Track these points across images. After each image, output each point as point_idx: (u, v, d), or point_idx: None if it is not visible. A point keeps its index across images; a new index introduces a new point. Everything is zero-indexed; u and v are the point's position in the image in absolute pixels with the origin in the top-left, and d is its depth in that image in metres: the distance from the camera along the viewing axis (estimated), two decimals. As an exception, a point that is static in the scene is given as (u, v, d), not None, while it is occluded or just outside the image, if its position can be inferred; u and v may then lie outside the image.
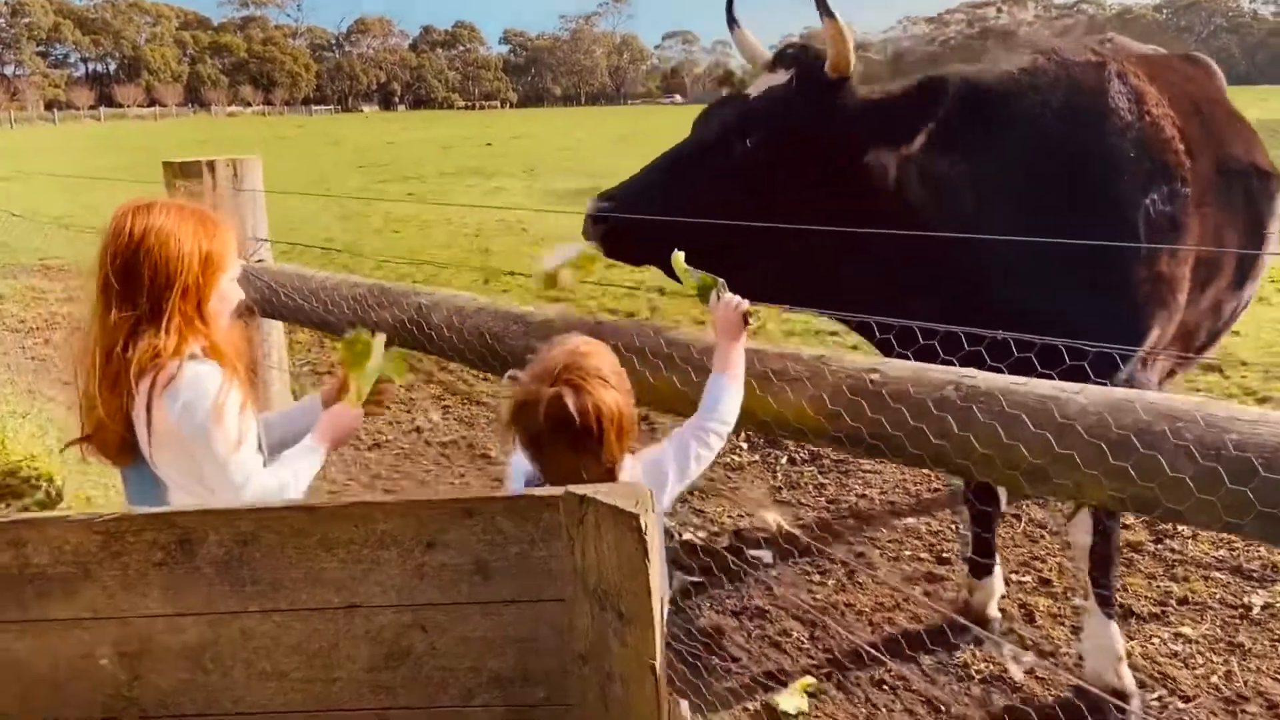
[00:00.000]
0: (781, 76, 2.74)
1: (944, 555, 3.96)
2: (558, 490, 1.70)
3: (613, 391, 1.85)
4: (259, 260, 3.52)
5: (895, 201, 2.68)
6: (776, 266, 2.61)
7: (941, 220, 2.72)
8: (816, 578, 3.83)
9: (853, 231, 2.41)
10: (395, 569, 1.73)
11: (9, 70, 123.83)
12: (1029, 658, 2.94)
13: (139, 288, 2.05)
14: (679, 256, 2.26)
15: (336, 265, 9.64)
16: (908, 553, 4.01)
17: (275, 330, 3.65)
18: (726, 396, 2.04)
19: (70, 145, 42.49)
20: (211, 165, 3.43)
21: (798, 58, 2.75)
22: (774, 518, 3.95)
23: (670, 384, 2.24)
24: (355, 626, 1.76)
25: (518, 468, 2.09)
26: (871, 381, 1.97)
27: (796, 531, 3.91)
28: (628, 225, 2.50)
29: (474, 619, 1.75)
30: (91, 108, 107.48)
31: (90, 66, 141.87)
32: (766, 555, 3.99)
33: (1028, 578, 3.77)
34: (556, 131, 44.22)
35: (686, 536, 4.17)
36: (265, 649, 1.77)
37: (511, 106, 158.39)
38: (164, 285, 2.05)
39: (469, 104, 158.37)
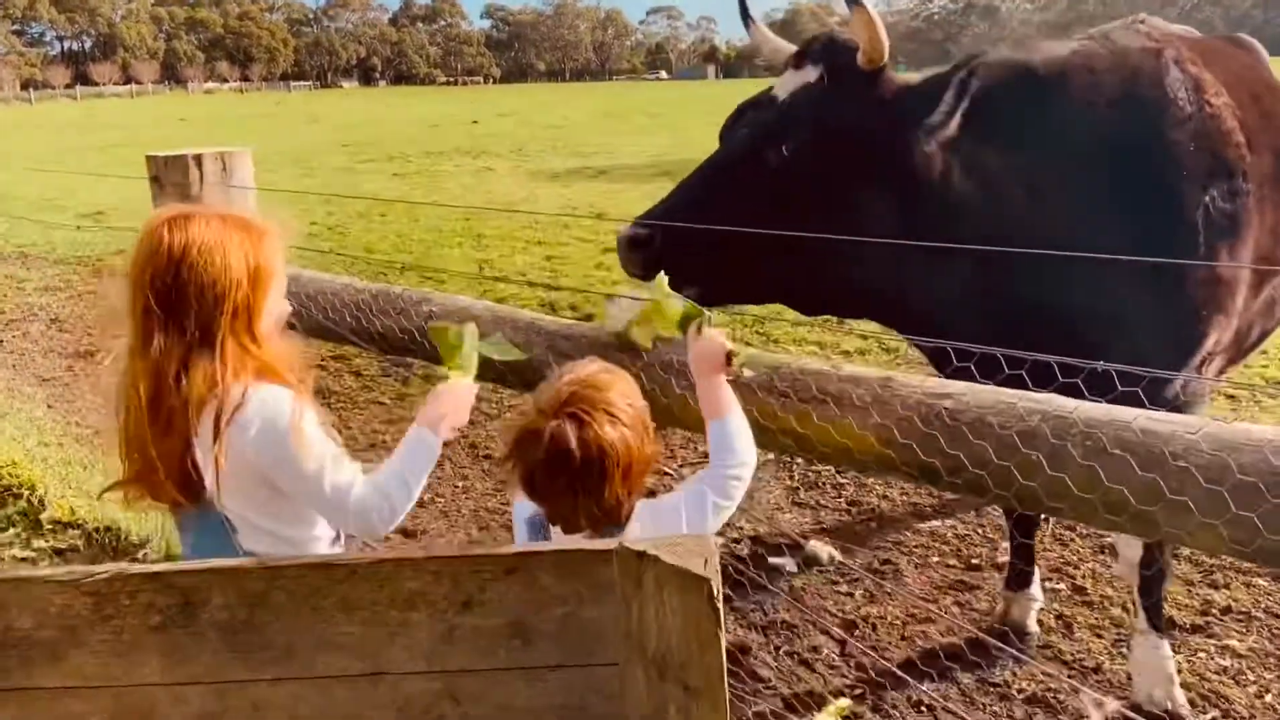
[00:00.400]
0: (810, 74, 2.53)
1: (974, 561, 3.80)
2: (610, 542, 1.52)
3: (622, 429, 1.68)
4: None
5: (943, 199, 2.49)
6: (826, 278, 2.42)
7: (992, 219, 2.54)
8: (843, 588, 3.66)
9: (909, 243, 2.21)
10: (424, 632, 1.54)
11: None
12: (1113, 704, 2.77)
13: (186, 311, 1.84)
14: (663, 280, 2.05)
15: (335, 262, 9.39)
16: (935, 559, 3.84)
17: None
18: (736, 439, 1.83)
19: (48, 124, 41.74)
20: (199, 159, 3.19)
21: (827, 52, 2.53)
22: (825, 549, 3.77)
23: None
24: (380, 696, 1.57)
25: (520, 514, 1.91)
26: (945, 410, 1.78)
27: (846, 560, 3.74)
28: (672, 247, 2.30)
29: (513, 685, 1.56)
30: (68, 86, 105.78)
31: (66, 45, 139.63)
32: (789, 564, 3.81)
33: (1062, 585, 3.62)
34: (542, 108, 43.73)
35: (703, 543, 3.98)
36: (278, 720, 1.58)
37: (495, 82, 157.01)
38: (213, 306, 1.84)
39: (451, 79, 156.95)
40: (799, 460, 4.78)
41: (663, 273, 2.08)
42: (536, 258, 8.80)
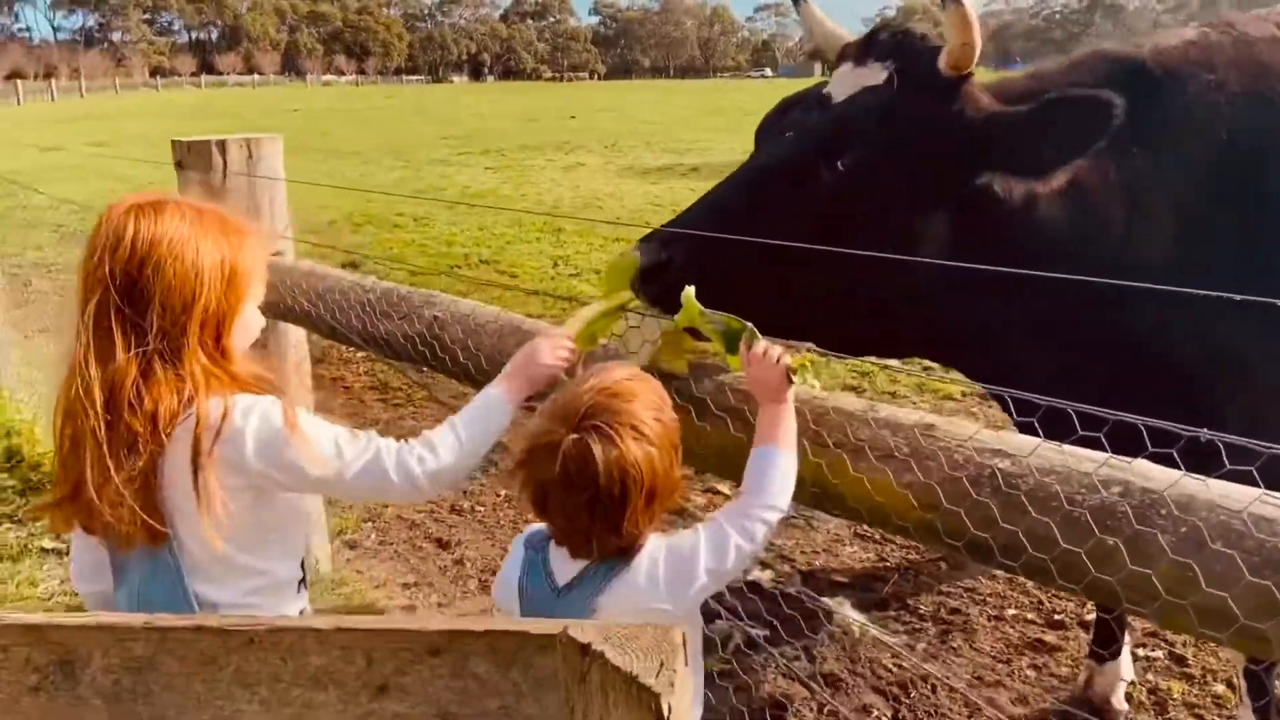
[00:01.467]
0: (874, 73, 2.07)
1: (1057, 617, 3.38)
2: (553, 625, 1.23)
3: (648, 448, 1.47)
4: (275, 254, 3.11)
5: (1023, 222, 2.10)
6: (878, 313, 2.07)
7: (1083, 243, 2.13)
8: (904, 638, 3.29)
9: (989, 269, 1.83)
10: (332, 717, 1.27)
11: (116, 37, 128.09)
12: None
13: (147, 313, 1.60)
14: (690, 293, 1.74)
15: (415, 255, 9.33)
16: (1013, 611, 3.43)
17: (290, 334, 3.23)
18: (776, 474, 1.57)
19: (171, 111, 43.52)
20: (223, 145, 3.01)
21: (900, 49, 2.07)
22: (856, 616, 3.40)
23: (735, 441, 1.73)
24: (280, 787, 1.31)
25: (516, 551, 1.65)
26: (1000, 473, 1.43)
27: (912, 603, 3.36)
28: (694, 274, 1.86)
29: (436, 788, 1.28)
30: (193, 74, 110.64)
31: (193, 34, 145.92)
32: (843, 606, 3.46)
33: (1158, 653, 3.17)
34: (642, 105, 43.62)
35: (753, 575, 3.66)
36: (165, 807, 1.33)
37: (599, 78, 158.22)
38: (180, 311, 1.61)
39: (557, 75, 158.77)
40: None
41: (690, 287, 1.77)
42: (614, 255, 8.54)
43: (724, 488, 4.26)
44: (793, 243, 1.90)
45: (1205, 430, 1.26)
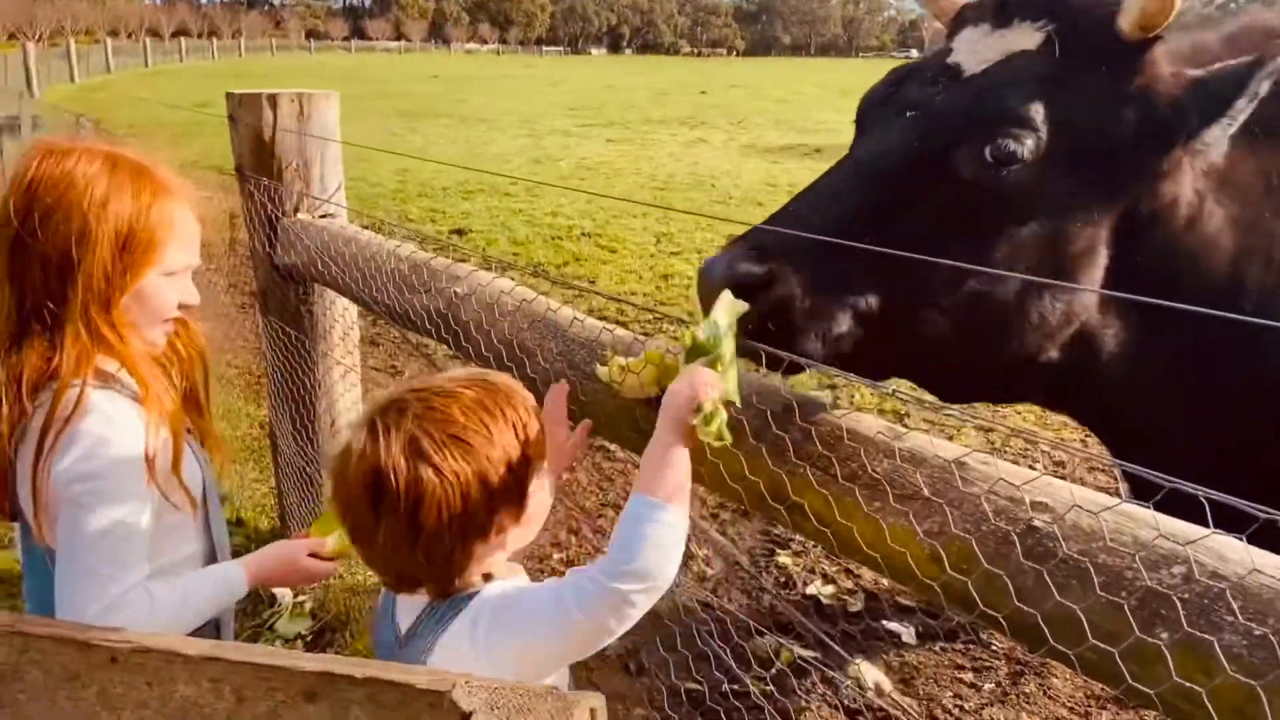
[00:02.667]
0: (1024, 35, 1.62)
1: (1147, 668, 3.00)
2: (443, 679, 1.03)
3: (462, 465, 1.20)
4: (324, 216, 2.99)
5: (1184, 239, 1.66)
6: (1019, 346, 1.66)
7: (1237, 263, 1.71)
8: (969, 676, 2.97)
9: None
10: (202, 756, 1.10)
11: (276, 0, 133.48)
12: None
13: (29, 265, 1.43)
14: (727, 298, 1.39)
15: (520, 224, 9.28)
16: (1097, 656, 3.06)
17: (338, 304, 3.10)
18: (646, 531, 1.19)
19: (319, 71, 45.08)
20: (274, 100, 2.90)
21: (1058, 3, 1.61)
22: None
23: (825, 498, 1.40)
24: (145, 827, 1.15)
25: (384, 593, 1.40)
26: (1034, 530, 1.15)
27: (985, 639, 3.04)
28: (805, 292, 1.50)
29: None
30: (345, 39, 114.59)
31: (347, 0, 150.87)
32: (906, 633, 3.15)
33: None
34: (776, 82, 42.79)
35: (811, 590, 3.39)
36: (33, 830, 1.19)
37: (738, 55, 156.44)
38: (61, 269, 1.43)
39: (695, 50, 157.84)
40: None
41: (728, 291, 1.41)
42: (718, 235, 8.26)
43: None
44: (919, 247, 1.46)
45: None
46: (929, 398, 1.79)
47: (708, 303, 1.49)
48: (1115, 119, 1.55)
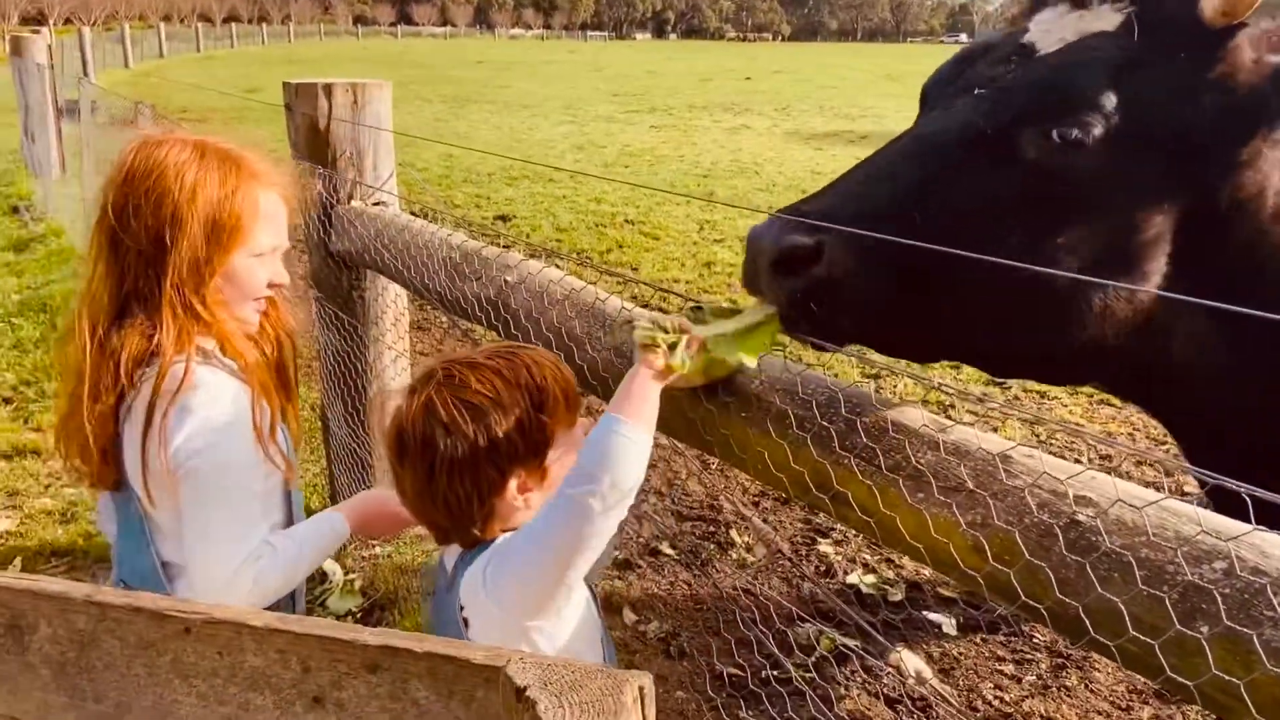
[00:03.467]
0: (1103, 17, 1.58)
1: (1191, 664, 2.98)
2: (498, 657, 1.07)
3: (470, 426, 1.34)
4: (376, 204, 3.05)
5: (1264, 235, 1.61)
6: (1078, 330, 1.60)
7: None
8: (1009, 667, 2.97)
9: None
10: (268, 723, 1.16)
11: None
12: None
13: (128, 249, 1.54)
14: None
15: (564, 211, 9.31)
16: (1140, 651, 3.05)
17: (389, 290, 3.17)
18: (603, 441, 1.30)
19: (365, 57, 45.46)
20: (329, 89, 2.96)
21: None
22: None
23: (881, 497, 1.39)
24: (218, 790, 1.21)
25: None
26: (1076, 523, 1.16)
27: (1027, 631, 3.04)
28: (853, 267, 1.48)
29: (372, 816, 1.16)
30: (391, 24, 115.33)
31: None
32: (947, 623, 3.16)
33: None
34: (821, 67, 42.39)
35: (852, 578, 3.40)
36: (111, 788, 1.26)
37: (783, 40, 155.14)
38: (156, 249, 1.53)
39: (740, 35, 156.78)
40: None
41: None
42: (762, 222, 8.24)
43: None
44: (981, 229, 1.48)
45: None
46: (974, 389, 1.80)
47: (752, 268, 1.51)
48: (1192, 106, 1.51)
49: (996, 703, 2.81)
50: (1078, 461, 1.28)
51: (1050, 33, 1.61)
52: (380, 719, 1.11)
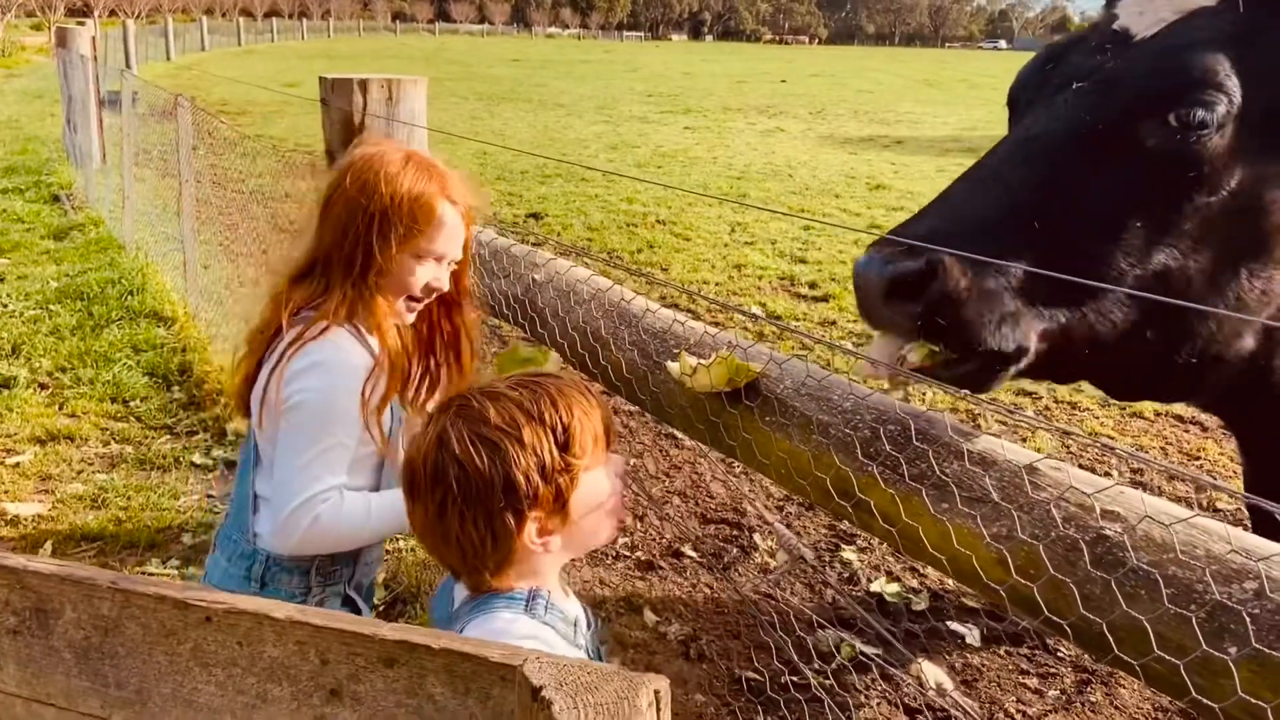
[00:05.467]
0: None
1: (1220, 684, 2.93)
2: (516, 654, 1.07)
3: (485, 463, 1.23)
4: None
5: None
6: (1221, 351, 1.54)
7: None
8: (1033, 681, 2.94)
9: None
10: (286, 715, 1.17)
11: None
12: None
13: (325, 220, 1.75)
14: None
15: (595, 210, 9.34)
16: (1167, 669, 3.00)
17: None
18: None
19: (402, 53, 45.78)
20: (364, 85, 2.98)
21: None
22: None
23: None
24: (236, 779, 1.22)
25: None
26: (1103, 538, 1.15)
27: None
28: (972, 290, 1.41)
29: (391, 817, 1.16)
30: (429, 21, 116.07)
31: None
32: (970, 634, 3.13)
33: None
34: (858, 71, 42.14)
35: (875, 586, 3.38)
36: (131, 773, 1.28)
37: (820, 43, 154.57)
38: (344, 230, 1.72)
39: (777, 38, 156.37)
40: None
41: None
42: (794, 225, 8.22)
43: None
44: (1107, 234, 1.41)
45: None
46: (1004, 399, 1.78)
47: (866, 305, 1.46)
48: None
49: (1019, 717, 2.78)
50: (1107, 475, 1.26)
51: (1144, 14, 1.54)
52: (397, 714, 1.12)
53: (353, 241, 1.70)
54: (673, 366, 1.65)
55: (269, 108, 16.46)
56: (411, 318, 1.82)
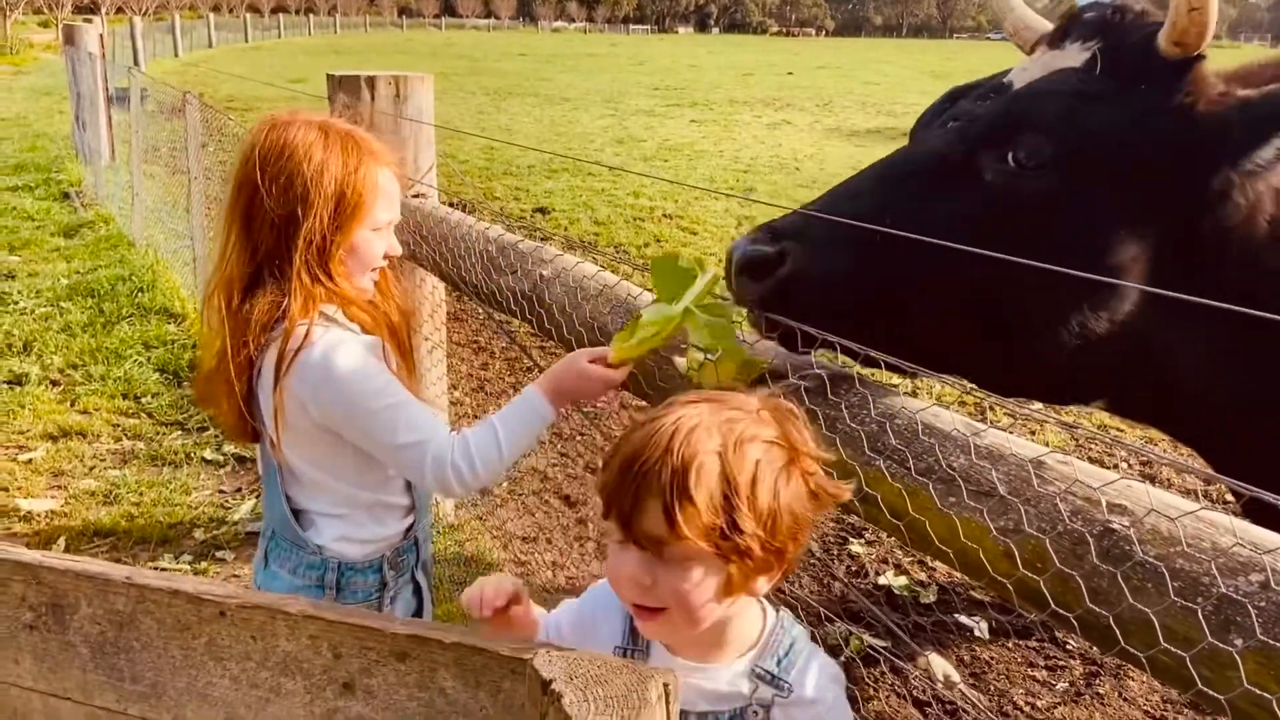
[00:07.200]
0: (1073, 54, 1.67)
1: (1229, 676, 2.93)
2: (526, 648, 1.09)
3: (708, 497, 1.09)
4: (416, 196, 3.07)
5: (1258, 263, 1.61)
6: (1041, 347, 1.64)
7: None
8: (1042, 673, 2.94)
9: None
10: (300, 708, 1.19)
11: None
12: None
13: (259, 226, 1.66)
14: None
15: (602, 205, 9.35)
16: (1176, 661, 3.00)
17: (427, 282, 3.19)
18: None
19: (407, 49, 45.78)
20: (371, 82, 2.99)
21: (1106, 26, 1.66)
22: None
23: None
24: (250, 769, 1.24)
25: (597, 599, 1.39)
26: (1110, 532, 1.15)
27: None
28: (811, 276, 1.56)
29: (403, 811, 1.18)
30: (436, 16, 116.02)
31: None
32: (979, 627, 3.13)
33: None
34: (864, 63, 42.02)
35: (883, 579, 3.38)
36: (147, 766, 1.29)
37: (827, 35, 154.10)
38: (285, 226, 1.65)
39: (784, 30, 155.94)
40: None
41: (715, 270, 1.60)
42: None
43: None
44: (943, 253, 1.48)
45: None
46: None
47: (728, 274, 1.64)
48: (1152, 135, 1.55)
49: (1027, 709, 2.78)
50: (1116, 469, 1.26)
51: (1025, 71, 1.71)
52: (409, 707, 1.13)
53: (306, 234, 1.63)
54: (680, 361, 1.66)
55: (276, 104, 16.48)
56: (373, 289, 1.79)
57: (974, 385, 1.77)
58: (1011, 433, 1.39)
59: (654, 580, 1.12)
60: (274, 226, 1.64)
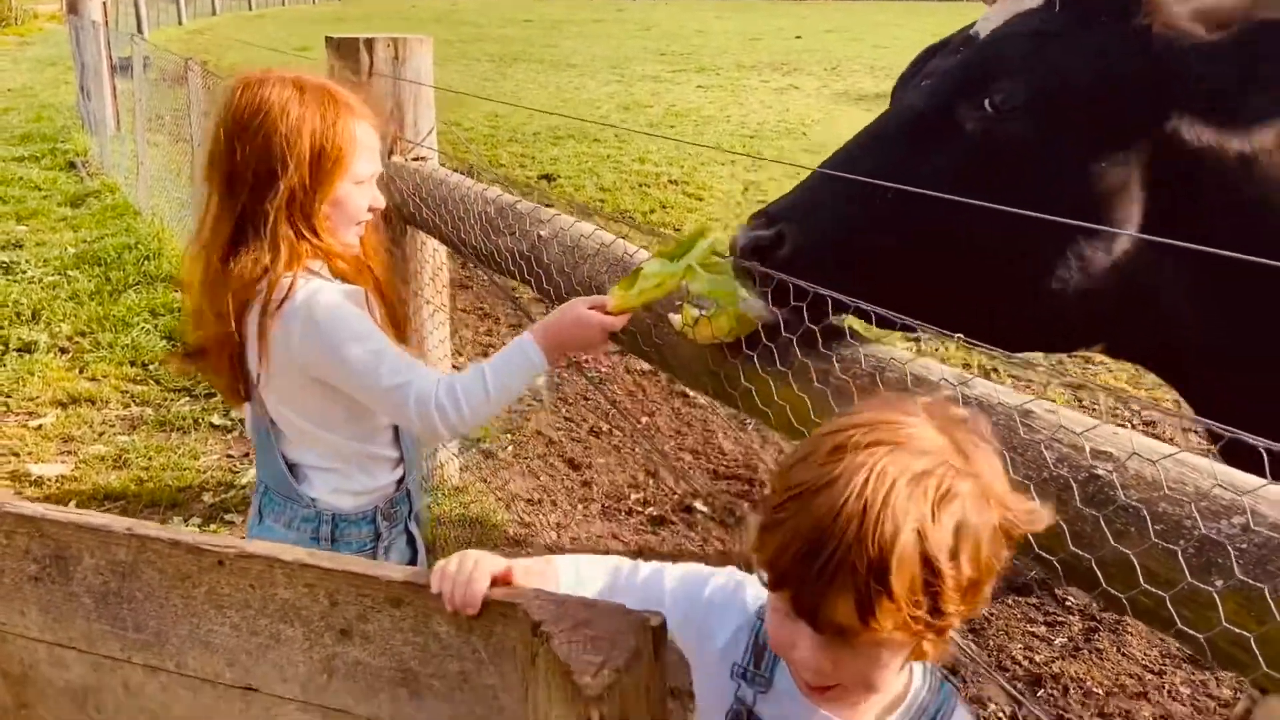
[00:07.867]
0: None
1: (1227, 631, 2.95)
2: (517, 593, 1.11)
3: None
4: (416, 159, 3.08)
5: (1227, 185, 1.60)
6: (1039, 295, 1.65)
7: None
8: (1040, 630, 2.97)
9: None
10: (299, 654, 1.22)
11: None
12: None
13: (239, 184, 1.67)
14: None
15: (607, 171, 9.30)
16: (1175, 617, 3.02)
17: (428, 245, 3.20)
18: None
19: (414, 16, 45.31)
20: (370, 44, 2.98)
21: None
22: None
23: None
24: (251, 714, 1.27)
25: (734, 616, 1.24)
26: (1095, 478, 1.16)
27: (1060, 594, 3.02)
28: (812, 251, 1.58)
29: (395, 746, 1.21)
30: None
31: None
32: (979, 585, 3.15)
33: (1349, 691, 2.71)
34: (875, 26, 41.48)
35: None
36: (152, 713, 1.33)
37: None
38: (265, 183, 1.65)
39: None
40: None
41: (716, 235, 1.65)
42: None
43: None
44: (933, 201, 1.51)
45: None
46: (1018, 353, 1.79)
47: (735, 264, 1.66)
48: (1111, 64, 1.56)
49: (1026, 663, 2.81)
50: (1121, 427, 1.27)
51: (989, 21, 1.71)
52: (404, 651, 1.16)
53: (287, 192, 1.64)
54: (675, 318, 1.67)
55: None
56: (358, 243, 1.80)
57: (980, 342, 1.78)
58: (998, 384, 1.40)
59: (835, 665, 1.00)
60: (254, 185, 1.65)
